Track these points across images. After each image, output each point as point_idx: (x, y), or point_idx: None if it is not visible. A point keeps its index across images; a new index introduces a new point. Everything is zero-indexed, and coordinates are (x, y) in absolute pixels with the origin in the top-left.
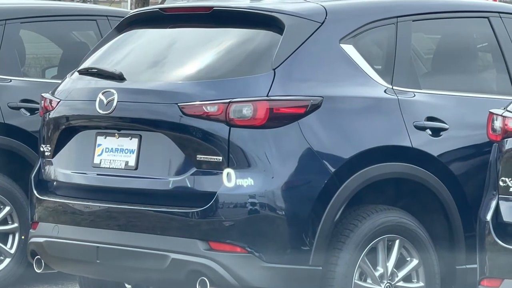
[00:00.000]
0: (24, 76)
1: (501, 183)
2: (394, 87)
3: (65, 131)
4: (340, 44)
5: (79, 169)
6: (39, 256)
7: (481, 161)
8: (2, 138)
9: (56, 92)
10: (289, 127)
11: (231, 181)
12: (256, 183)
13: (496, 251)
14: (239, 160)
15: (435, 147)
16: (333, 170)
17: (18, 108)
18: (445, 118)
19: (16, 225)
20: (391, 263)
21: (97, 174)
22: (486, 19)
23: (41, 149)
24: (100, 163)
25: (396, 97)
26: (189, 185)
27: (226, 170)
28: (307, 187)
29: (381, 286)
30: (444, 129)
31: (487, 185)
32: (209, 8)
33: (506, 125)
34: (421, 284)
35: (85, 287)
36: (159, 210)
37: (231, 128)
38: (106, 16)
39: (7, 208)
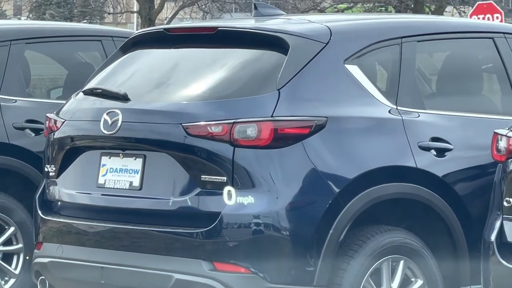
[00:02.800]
0: (29, 96)
1: (505, 204)
2: (398, 108)
3: (70, 151)
4: (345, 65)
5: (84, 189)
6: (43, 277)
7: (485, 182)
8: (7, 158)
9: (60, 113)
10: (294, 147)
11: (232, 199)
12: (260, 203)
13: (500, 272)
14: (243, 180)
15: (439, 167)
16: (337, 190)
17: (23, 129)
18: (449, 139)
19: (20, 245)
20: (395, 284)
21: (102, 194)
22: (491, 39)
23: (46, 169)
24: (105, 183)
25: (400, 117)
26: (193, 205)
27: (227, 188)
28: (311, 207)
29: None
30: (449, 150)
31: (492, 205)
32: (214, 28)
33: (510, 145)
34: None
35: None
36: (163, 230)
37: (236, 148)
38: (111, 36)
39: (12, 229)
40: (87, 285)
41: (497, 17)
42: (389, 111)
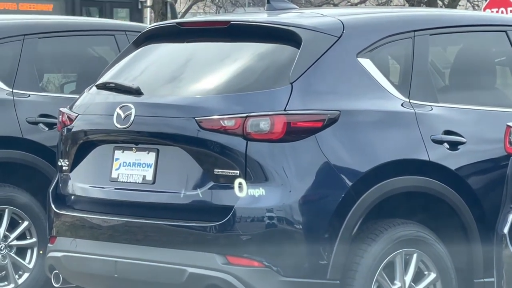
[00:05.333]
0: (43, 91)
1: None
2: (411, 101)
3: (83, 145)
4: (358, 58)
5: (97, 183)
6: (57, 271)
7: (498, 175)
8: (20, 153)
9: (74, 107)
10: (307, 141)
11: (244, 192)
12: (273, 197)
13: None
14: (256, 174)
15: (452, 160)
16: (350, 184)
17: (36, 123)
18: (462, 132)
19: (34, 239)
20: (408, 277)
21: (115, 188)
22: (504, 33)
23: (59, 163)
24: (118, 177)
25: (413, 110)
26: (206, 199)
27: (240, 182)
28: (324, 201)
29: None
30: (462, 143)
31: (504, 198)
32: (227, 22)
33: None
34: None
35: None
36: (176, 224)
37: (249, 142)
38: (124, 31)
39: (26, 223)
40: (101, 279)
41: (511, 11)
42: (402, 104)
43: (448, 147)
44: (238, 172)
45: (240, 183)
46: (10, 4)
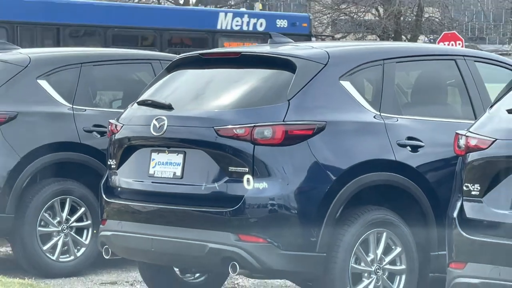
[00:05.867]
0: (96, 106)
1: (464, 188)
2: (381, 114)
3: (127, 149)
4: (340, 81)
5: (138, 178)
6: (107, 246)
7: (449, 171)
8: (78, 154)
9: (120, 119)
10: (300, 145)
11: (252, 185)
12: (274, 188)
13: (461, 241)
14: (261, 171)
15: (414, 160)
16: (334, 178)
17: (91, 131)
18: (421, 138)
19: (89, 222)
20: (379, 251)
21: (152, 182)
22: (453, 61)
23: (109, 162)
24: (154, 173)
25: (383, 121)
26: (222, 190)
27: (247, 176)
28: (314, 191)
29: (372, 268)
30: (421, 146)
31: (454, 189)
32: (238, 53)
33: (468, 143)
34: (403, 266)
35: (143, 270)
36: (199, 210)
37: (255, 146)
38: (159, 60)
39: (83, 209)
40: (141, 252)
41: (459, 43)
42: (374, 117)
43: (410, 149)
44: (247, 169)
45: (248, 178)
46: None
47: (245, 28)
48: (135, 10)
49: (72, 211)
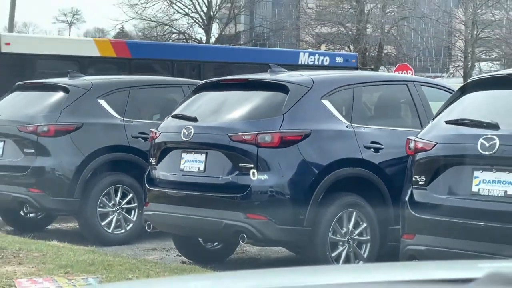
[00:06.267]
0: (141, 119)
1: (413, 179)
2: (352, 124)
3: (163, 150)
4: (321, 100)
5: (172, 172)
6: (149, 222)
7: (403, 167)
8: (128, 154)
9: (158, 128)
10: (292, 147)
11: (255, 176)
12: (273, 179)
13: (411, 218)
14: (263, 166)
15: (376, 158)
16: (317, 172)
17: (137, 137)
18: (381, 142)
19: (136, 204)
20: (351, 225)
21: (182, 175)
22: (405, 85)
23: (150, 160)
24: (184, 168)
25: (353, 130)
26: (234, 181)
27: (252, 170)
28: (302, 181)
29: (345, 238)
30: (381, 148)
31: (406, 180)
32: (246, 79)
33: (416, 145)
34: (368, 237)
35: (175, 240)
36: (217, 195)
37: (259, 148)
38: (187, 84)
39: (131, 194)
40: (174, 226)
41: (409, 72)
42: (347, 126)
43: (373, 150)
44: (252, 165)
45: (253, 172)
46: None
47: (316, 63)
48: (244, 51)
49: (123, 196)
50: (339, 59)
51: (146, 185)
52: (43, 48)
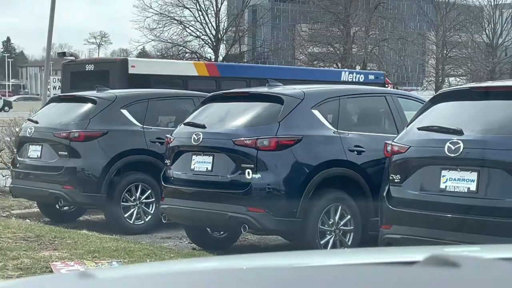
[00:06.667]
0: (158, 126)
1: (390, 177)
2: (338, 130)
3: (177, 153)
4: (312, 110)
5: (184, 171)
6: (165, 214)
7: (381, 167)
8: (146, 156)
9: (173, 134)
10: (286, 150)
11: (256, 176)
12: (270, 178)
13: (388, 211)
14: (262, 167)
15: (359, 160)
16: (308, 171)
17: (154, 142)
18: (363, 146)
19: (153, 199)
20: (337, 217)
21: (193, 174)
22: (384, 97)
23: (165, 161)
24: (194, 168)
25: (339, 135)
26: (237, 179)
27: (252, 170)
28: (295, 180)
29: (332, 228)
30: (363, 151)
31: (384, 178)
32: (247, 92)
33: (393, 149)
34: (352, 227)
35: (187, 229)
36: (223, 191)
37: (258, 151)
38: (197, 97)
39: (149, 191)
40: (186, 218)
41: (389, 86)
42: (333, 132)
43: (356, 153)
44: (252, 166)
45: (254, 171)
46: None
47: (354, 80)
48: (309, 71)
49: (143, 192)
50: (371, 77)
51: (162, 182)
52: (158, 70)
